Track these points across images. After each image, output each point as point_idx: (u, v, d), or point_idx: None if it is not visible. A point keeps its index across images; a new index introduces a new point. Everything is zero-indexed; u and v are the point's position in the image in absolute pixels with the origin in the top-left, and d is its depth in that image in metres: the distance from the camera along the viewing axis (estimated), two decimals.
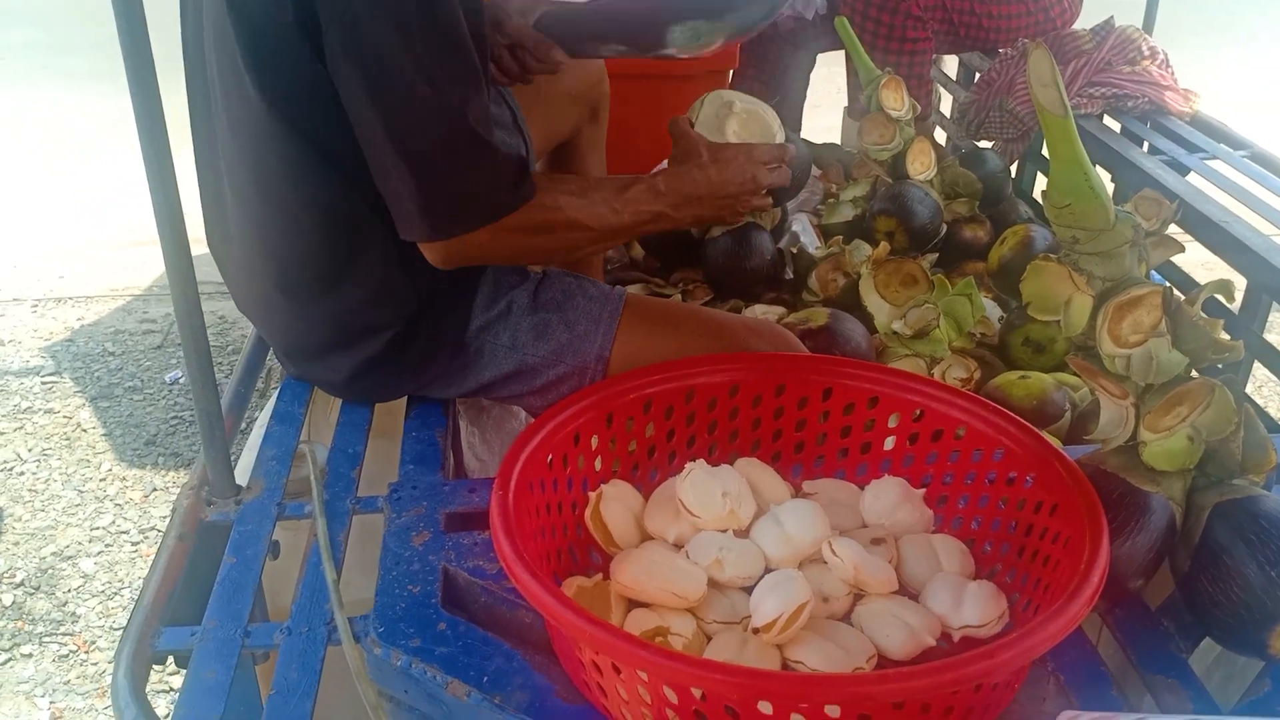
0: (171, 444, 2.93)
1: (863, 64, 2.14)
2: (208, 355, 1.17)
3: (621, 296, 1.45)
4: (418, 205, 1.20)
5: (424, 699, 1.03)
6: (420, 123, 1.17)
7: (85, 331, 3.47)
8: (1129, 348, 1.03)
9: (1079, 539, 0.97)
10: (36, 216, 4.26)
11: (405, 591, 1.10)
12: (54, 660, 2.28)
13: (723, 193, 1.38)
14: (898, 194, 2.02)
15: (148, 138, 1.05)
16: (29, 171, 4.65)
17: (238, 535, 1.20)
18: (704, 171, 1.36)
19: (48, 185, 4.52)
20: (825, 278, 1.93)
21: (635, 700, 0.89)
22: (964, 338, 1.75)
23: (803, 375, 1.22)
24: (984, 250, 2.08)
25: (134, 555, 2.57)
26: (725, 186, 1.38)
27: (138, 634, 1.06)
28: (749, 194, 1.40)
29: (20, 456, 2.87)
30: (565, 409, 1.14)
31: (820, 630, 1.00)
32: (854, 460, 1.23)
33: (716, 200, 1.38)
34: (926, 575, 1.08)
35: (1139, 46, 2.38)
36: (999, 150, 2.42)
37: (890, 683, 0.80)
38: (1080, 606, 0.87)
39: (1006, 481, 1.11)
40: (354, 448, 1.35)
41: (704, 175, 1.36)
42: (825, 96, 3.42)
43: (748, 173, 1.39)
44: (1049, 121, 0.98)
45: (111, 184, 4.47)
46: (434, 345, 1.39)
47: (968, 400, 1.15)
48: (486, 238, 1.23)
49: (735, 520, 1.11)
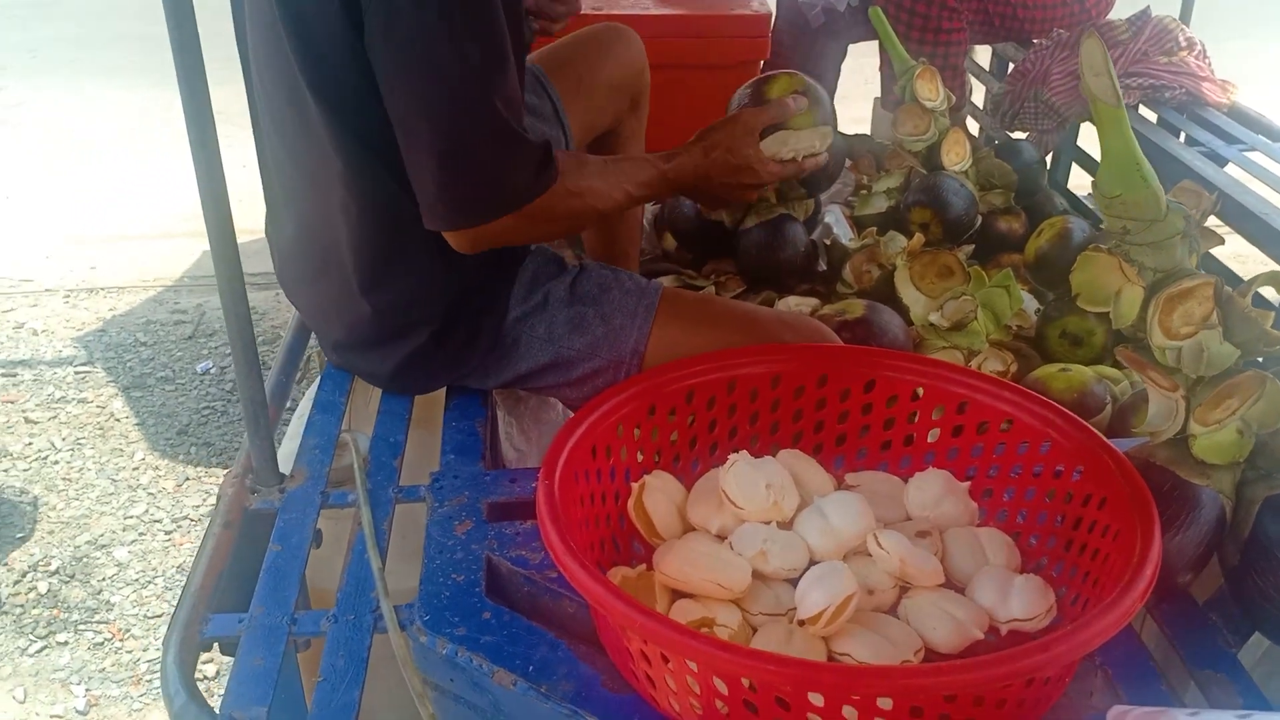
0: (203, 434, 2.95)
1: (897, 55, 2.13)
2: (253, 345, 1.17)
3: (658, 291, 1.45)
4: (443, 195, 1.21)
5: (469, 688, 1.03)
6: (451, 111, 1.17)
7: (117, 322, 3.50)
8: (1180, 339, 1.02)
9: (1129, 533, 0.96)
10: (68, 207, 4.30)
11: (449, 580, 1.10)
12: (89, 648, 2.30)
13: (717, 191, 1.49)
14: (933, 185, 2.01)
15: (196, 131, 1.05)
16: (60, 163, 4.68)
17: (283, 523, 1.21)
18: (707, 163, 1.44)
19: (80, 176, 4.55)
20: (859, 269, 1.92)
21: (684, 690, 0.89)
22: (1001, 330, 1.74)
23: (845, 367, 1.22)
24: (1019, 242, 2.07)
25: (167, 544, 2.59)
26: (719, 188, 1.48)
27: (185, 621, 1.07)
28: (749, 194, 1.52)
29: (54, 445, 2.90)
30: (608, 399, 1.14)
31: (866, 623, 1.00)
32: (897, 452, 1.23)
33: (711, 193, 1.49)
34: (972, 568, 1.07)
35: (1176, 37, 2.36)
36: (1033, 141, 2.40)
37: (944, 675, 0.80)
38: (1133, 601, 0.87)
39: (1053, 474, 1.11)
40: (395, 437, 1.36)
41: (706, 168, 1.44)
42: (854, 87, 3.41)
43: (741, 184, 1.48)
44: (1101, 111, 0.97)
45: (143, 175, 4.50)
46: (473, 337, 1.40)
47: (1014, 392, 1.14)
48: (509, 224, 1.25)
49: (779, 512, 1.11)
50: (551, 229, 1.36)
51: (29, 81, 5.69)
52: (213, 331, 3.42)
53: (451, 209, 1.23)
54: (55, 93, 5.52)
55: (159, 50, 1.18)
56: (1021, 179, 2.16)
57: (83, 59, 6.00)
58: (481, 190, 1.22)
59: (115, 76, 5.66)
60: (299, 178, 1.33)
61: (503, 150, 1.21)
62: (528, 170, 1.23)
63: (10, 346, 3.35)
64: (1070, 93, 2.32)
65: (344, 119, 1.22)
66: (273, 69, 1.26)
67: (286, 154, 1.33)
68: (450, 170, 1.19)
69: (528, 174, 1.23)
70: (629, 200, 1.38)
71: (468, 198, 1.22)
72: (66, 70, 5.84)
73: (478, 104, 1.17)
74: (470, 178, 1.21)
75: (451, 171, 1.20)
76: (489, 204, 1.23)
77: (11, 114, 5.30)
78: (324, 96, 1.21)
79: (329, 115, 1.22)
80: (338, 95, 1.21)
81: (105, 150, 4.80)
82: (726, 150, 1.43)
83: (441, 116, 1.17)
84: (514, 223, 1.25)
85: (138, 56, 5.60)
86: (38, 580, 2.46)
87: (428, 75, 1.15)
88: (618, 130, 1.84)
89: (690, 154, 1.42)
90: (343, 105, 1.22)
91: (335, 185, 1.28)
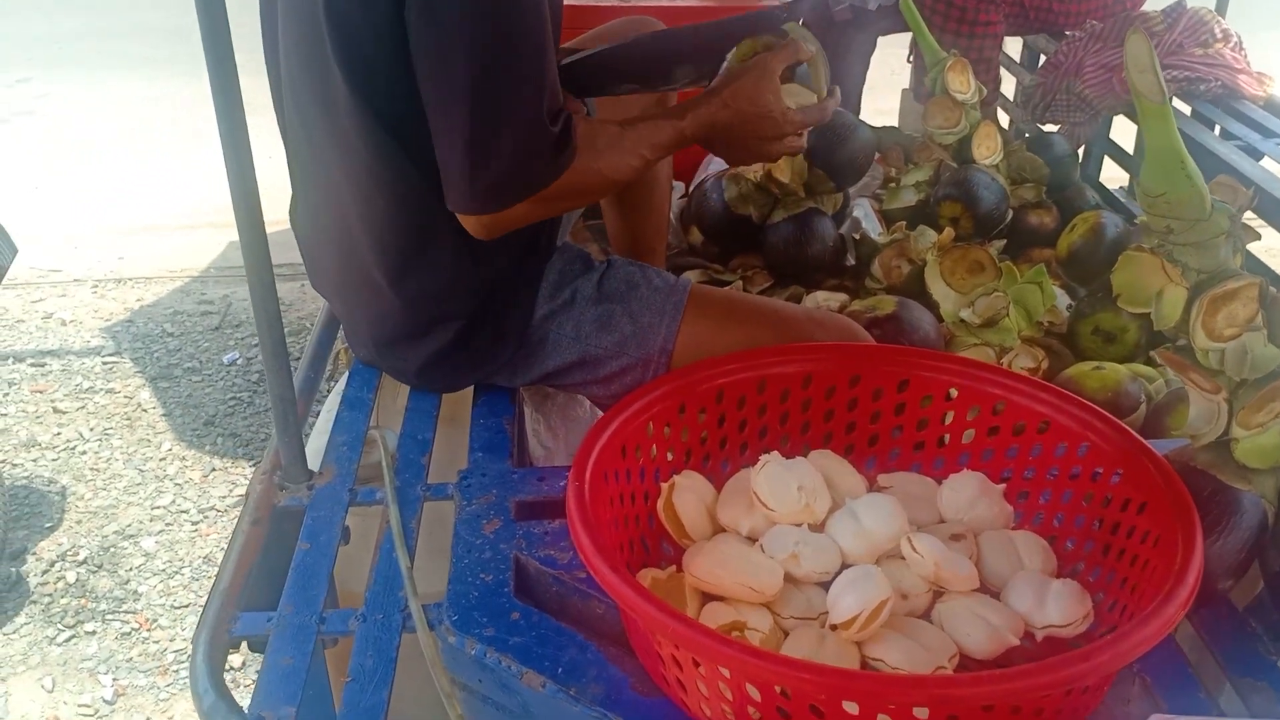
0: (230, 425, 2.96)
1: (928, 46, 2.10)
2: (282, 342, 1.17)
3: (686, 288, 1.43)
4: (469, 178, 1.20)
5: (498, 689, 1.02)
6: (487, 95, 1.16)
7: (144, 312, 3.52)
8: (1223, 341, 1.00)
9: (1170, 538, 0.95)
10: (96, 198, 4.32)
11: (478, 580, 1.09)
12: (116, 638, 2.32)
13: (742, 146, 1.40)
14: (963, 179, 1.98)
15: (226, 124, 1.05)
16: (87, 153, 4.71)
17: (311, 521, 1.20)
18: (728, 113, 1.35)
19: (106, 167, 4.58)
20: (889, 264, 1.90)
21: (716, 696, 0.88)
22: (1033, 326, 1.72)
23: (878, 366, 1.20)
24: (1050, 237, 2.04)
25: (194, 534, 2.60)
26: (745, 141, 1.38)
27: (214, 619, 1.07)
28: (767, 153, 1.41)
29: (83, 436, 2.91)
30: (638, 399, 1.13)
31: (900, 628, 0.98)
32: (930, 453, 1.21)
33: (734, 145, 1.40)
34: (1007, 573, 1.06)
35: (1211, 29, 2.31)
36: (1065, 134, 2.37)
37: (983, 685, 0.79)
38: (1176, 610, 0.85)
39: (1091, 477, 1.09)
40: (423, 434, 1.35)
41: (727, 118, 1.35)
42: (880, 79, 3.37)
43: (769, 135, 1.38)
44: (1145, 108, 0.95)
45: (168, 166, 4.52)
46: (500, 334, 1.39)
47: (1051, 393, 1.12)
48: (526, 208, 1.24)
49: (810, 514, 1.09)
50: (569, 205, 1.35)
51: (54, 73, 5.73)
52: (239, 322, 3.44)
53: (476, 193, 1.22)
54: (80, 84, 5.56)
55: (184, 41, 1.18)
56: (1053, 173, 2.14)
57: (107, 50, 6.04)
58: (504, 176, 1.21)
59: (141, 67, 5.69)
60: (322, 172, 1.32)
61: (529, 137, 1.19)
62: (547, 154, 1.22)
63: (39, 337, 3.37)
64: (1103, 85, 2.29)
65: (374, 106, 1.22)
66: (300, 55, 1.25)
67: (310, 147, 1.32)
68: (479, 154, 1.18)
69: (547, 158, 1.22)
70: (646, 165, 1.34)
71: (492, 183, 1.21)
72: (91, 62, 5.88)
73: (515, 89, 1.16)
74: (497, 163, 1.19)
75: (481, 156, 1.18)
76: (511, 189, 1.22)
77: (38, 105, 5.33)
78: (354, 82, 1.20)
79: (359, 103, 1.21)
80: (367, 80, 1.20)
81: (131, 141, 4.83)
82: (748, 100, 1.34)
83: (477, 101, 1.16)
84: (532, 206, 1.24)
85: (163, 47, 5.63)
86: (66, 570, 2.48)
87: (468, 58, 1.14)
88: None
89: (709, 105, 1.35)
90: (373, 91, 1.21)
91: (360, 180, 1.28)
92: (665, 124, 1.33)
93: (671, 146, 1.35)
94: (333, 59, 1.20)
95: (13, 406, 3.03)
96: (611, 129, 1.31)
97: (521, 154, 1.20)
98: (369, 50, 1.18)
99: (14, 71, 5.72)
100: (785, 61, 1.37)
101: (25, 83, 5.60)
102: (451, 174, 1.21)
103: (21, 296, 3.61)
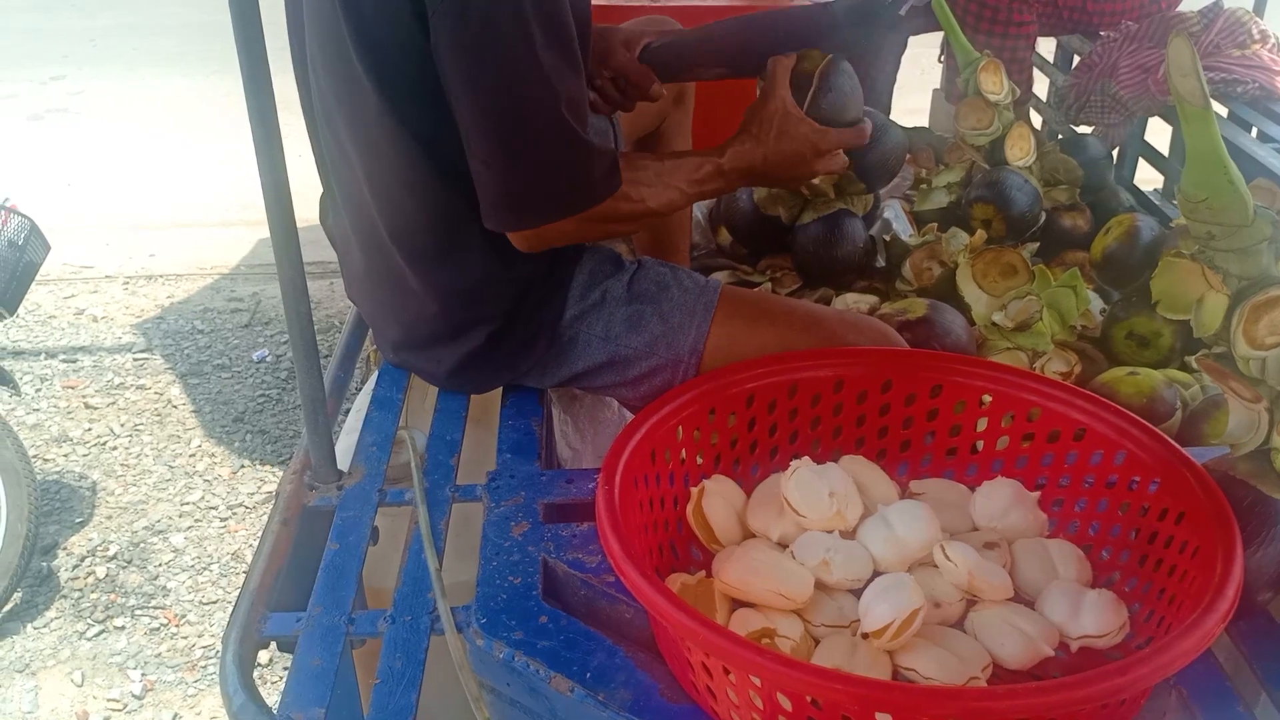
0: (259, 422, 2.98)
1: (960, 46, 2.08)
2: (313, 343, 1.17)
3: (717, 289, 1.43)
4: (504, 197, 1.22)
5: (526, 693, 1.02)
6: (517, 115, 1.17)
7: (175, 309, 3.55)
8: (1265, 349, 0.98)
9: (1209, 549, 0.93)
10: (128, 195, 4.36)
11: (506, 582, 1.09)
12: (145, 633, 2.33)
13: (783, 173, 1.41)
14: (996, 181, 1.96)
15: (258, 121, 1.05)
16: (120, 151, 4.75)
17: (340, 521, 1.21)
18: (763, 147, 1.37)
19: (139, 164, 4.61)
20: (920, 266, 1.88)
21: (746, 705, 0.88)
22: (1066, 330, 1.70)
23: (911, 371, 1.19)
24: (1083, 239, 2.02)
25: (222, 531, 2.62)
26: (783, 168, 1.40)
27: (244, 620, 1.07)
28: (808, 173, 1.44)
29: (113, 431, 2.94)
30: (668, 402, 1.12)
31: (933, 637, 0.97)
32: (963, 460, 1.20)
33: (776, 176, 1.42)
34: (1042, 582, 1.04)
35: (1249, 29, 2.28)
36: (1099, 136, 2.34)
37: (1019, 698, 0.77)
38: (1215, 622, 0.84)
39: (1128, 486, 1.07)
40: (452, 435, 1.35)
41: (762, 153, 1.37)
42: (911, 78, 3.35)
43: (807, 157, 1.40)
44: (1187, 113, 0.93)
45: (200, 163, 4.55)
46: (530, 335, 1.39)
47: (1088, 400, 1.11)
48: (569, 227, 1.26)
49: (842, 521, 1.08)
50: (610, 231, 1.36)
51: (89, 70, 5.78)
52: (269, 320, 3.46)
53: (513, 211, 1.24)
54: (115, 81, 5.61)
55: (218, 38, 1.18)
56: (1087, 175, 2.11)
57: (142, 47, 6.09)
58: (541, 193, 1.22)
59: (174, 64, 5.73)
60: (350, 176, 1.32)
61: (568, 155, 1.20)
62: (592, 175, 1.23)
63: (71, 333, 3.41)
64: (1138, 86, 2.26)
65: (402, 113, 1.22)
66: (326, 56, 1.26)
67: (338, 151, 1.32)
68: (513, 173, 1.20)
69: (592, 179, 1.23)
70: (686, 200, 1.36)
71: (529, 201, 1.23)
72: (126, 58, 5.93)
73: (547, 110, 1.17)
74: (532, 182, 1.21)
75: (515, 175, 1.20)
76: (550, 207, 1.24)
77: (73, 102, 5.39)
78: (382, 89, 1.20)
79: (387, 109, 1.21)
80: (395, 87, 1.21)
81: (164, 138, 4.86)
82: (779, 132, 1.37)
83: (508, 122, 1.17)
84: (575, 226, 1.26)
85: (197, 44, 5.67)
86: (96, 565, 2.50)
87: (497, 82, 1.15)
88: (663, 125, 1.82)
89: (743, 142, 1.37)
90: (399, 98, 1.21)
91: (389, 185, 1.28)
92: (704, 161, 1.36)
93: (710, 181, 1.36)
94: (359, 66, 1.20)
95: (44, 402, 3.06)
96: (654, 162, 1.35)
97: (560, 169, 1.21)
98: (395, 58, 1.19)
99: (48, 69, 5.78)
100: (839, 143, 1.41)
101: (59, 80, 5.66)
102: (488, 191, 1.23)
103: (54, 293, 3.64)
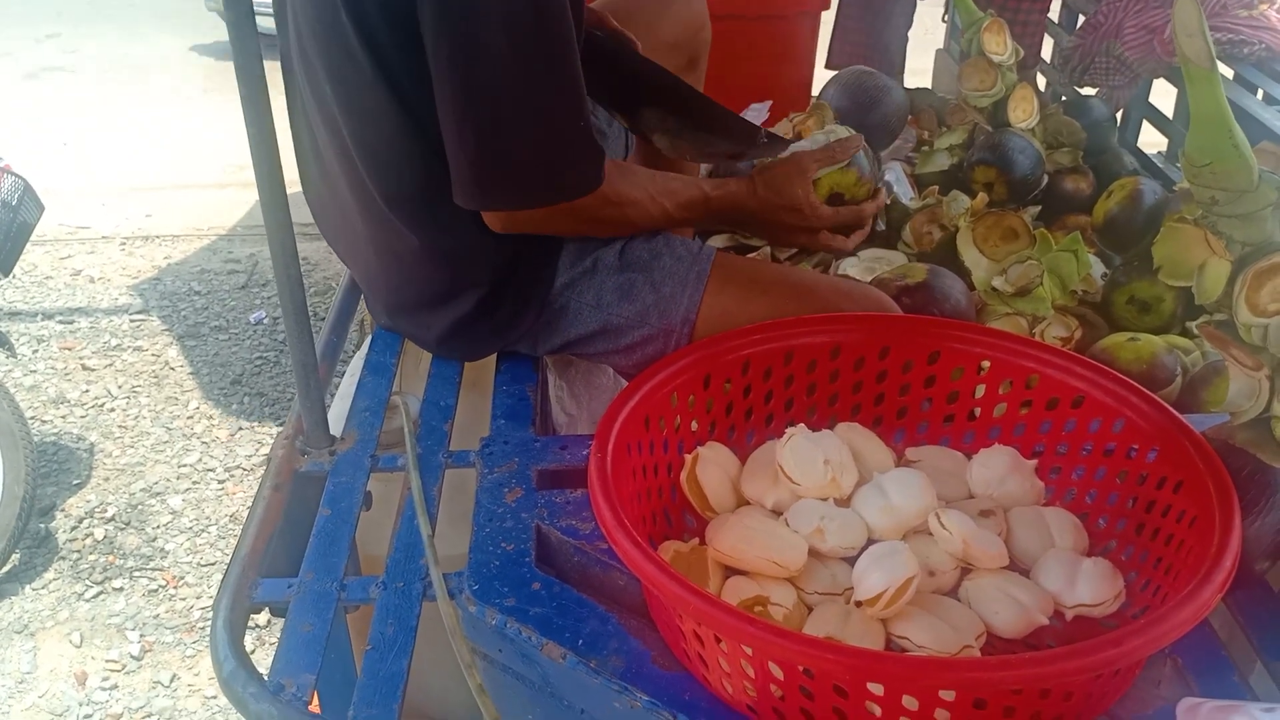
0: (256, 384, 2.98)
1: (963, 6, 2.05)
2: (304, 308, 1.15)
3: (710, 256, 1.41)
4: (472, 176, 1.21)
5: (518, 659, 1.02)
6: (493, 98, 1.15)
7: (172, 270, 3.53)
8: (1267, 316, 0.97)
9: (1206, 518, 0.92)
10: (124, 155, 4.32)
11: (499, 549, 1.09)
12: (144, 595, 2.34)
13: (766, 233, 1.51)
14: (998, 143, 1.94)
15: (246, 83, 1.03)
16: (116, 110, 4.71)
17: (333, 487, 1.20)
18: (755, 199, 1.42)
19: (135, 124, 4.57)
20: (920, 230, 1.86)
21: (738, 673, 0.87)
22: (1067, 295, 1.68)
23: (908, 338, 1.18)
24: (1086, 203, 1.99)
25: (220, 493, 2.62)
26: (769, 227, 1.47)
27: (235, 585, 1.06)
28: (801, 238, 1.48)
29: (111, 393, 2.93)
30: (662, 369, 1.11)
31: (927, 606, 0.97)
32: (959, 427, 1.19)
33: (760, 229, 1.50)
34: (1038, 550, 1.04)
35: None
36: (1103, 97, 2.31)
37: (1011, 669, 0.77)
38: (1212, 592, 0.83)
39: (1126, 454, 1.06)
40: (445, 400, 1.34)
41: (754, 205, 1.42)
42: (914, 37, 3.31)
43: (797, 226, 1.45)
44: (1192, 74, 0.91)
45: (196, 124, 4.51)
46: (520, 302, 1.37)
47: (1087, 368, 1.09)
48: (543, 216, 1.26)
49: (837, 489, 1.07)
50: (583, 230, 1.35)
51: (84, 28, 5.73)
52: (266, 281, 3.44)
53: (481, 190, 1.22)
54: (111, 40, 5.55)
55: None
56: (1090, 137, 2.08)
57: (139, 5, 6.02)
58: (509, 179, 1.21)
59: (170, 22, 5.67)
60: (337, 138, 1.30)
61: (543, 144, 1.20)
62: (567, 169, 1.23)
63: (68, 294, 3.39)
64: (1144, 47, 2.22)
65: (390, 78, 1.19)
66: (313, 24, 1.23)
67: (322, 113, 1.29)
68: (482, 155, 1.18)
69: (566, 173, 1.23)
70: (667, 218, 1.37)
71: (496, 184, 1.22)
72: (122, 17, 5.87)
73: (525, 96, 1.15)
74: (502, 166, 1.20)
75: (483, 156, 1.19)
76: (517, 194, 1.23)
77: (67, 60, 5.34)
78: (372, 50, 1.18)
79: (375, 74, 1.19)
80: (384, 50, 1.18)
81: (160, 98, 4.82)
82: (774, 191, 1.41)
83: (485, 104, 1.15)
84: (549, 216, 1.25)
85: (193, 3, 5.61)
86: (94, 527, 2.51)
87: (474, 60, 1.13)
88: None
89: (740, 185, 1.42)
90: (388, 61, 1.19)
91: (378, 143, 1.26)
92: (694, 186, 1.39)
93: (694, 208, 1.39)
94: (349, 26, 1.17)
95: (41, 363, 3.05)
96: (644, 171, 1.36)
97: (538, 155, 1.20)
98: (383, 26, 1.16)
99: (43, 26, 5.72)
100: (822, 163, 1.44)
101: (54, 38, 5.60)
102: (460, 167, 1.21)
103: (50, 253, 3.63)
